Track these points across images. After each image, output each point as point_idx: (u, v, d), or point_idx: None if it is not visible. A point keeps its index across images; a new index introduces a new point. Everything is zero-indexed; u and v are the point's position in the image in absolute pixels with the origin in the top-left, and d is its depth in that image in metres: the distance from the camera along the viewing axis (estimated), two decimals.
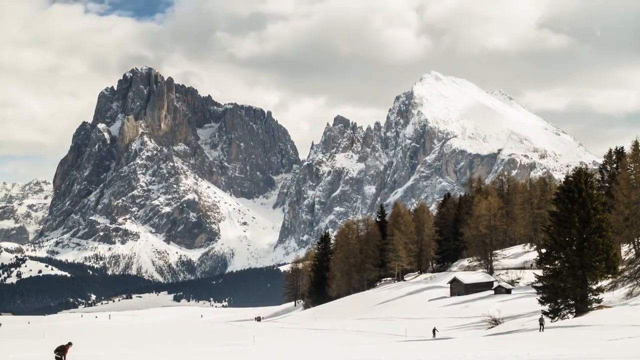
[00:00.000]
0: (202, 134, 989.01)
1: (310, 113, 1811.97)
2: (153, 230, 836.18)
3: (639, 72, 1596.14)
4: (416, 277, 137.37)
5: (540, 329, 55.10)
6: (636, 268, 71.49)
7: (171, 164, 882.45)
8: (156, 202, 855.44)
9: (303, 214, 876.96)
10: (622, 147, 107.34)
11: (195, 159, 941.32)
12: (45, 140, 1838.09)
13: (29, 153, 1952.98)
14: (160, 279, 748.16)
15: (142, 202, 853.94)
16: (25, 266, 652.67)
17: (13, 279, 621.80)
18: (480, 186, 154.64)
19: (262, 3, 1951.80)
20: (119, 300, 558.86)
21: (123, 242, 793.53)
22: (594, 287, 57.11)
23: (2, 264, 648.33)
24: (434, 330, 66.42)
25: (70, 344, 43.76)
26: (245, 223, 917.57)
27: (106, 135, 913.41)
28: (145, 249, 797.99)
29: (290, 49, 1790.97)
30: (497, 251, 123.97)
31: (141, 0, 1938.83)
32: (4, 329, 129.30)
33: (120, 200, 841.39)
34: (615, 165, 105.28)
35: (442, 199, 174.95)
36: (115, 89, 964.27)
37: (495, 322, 67.80)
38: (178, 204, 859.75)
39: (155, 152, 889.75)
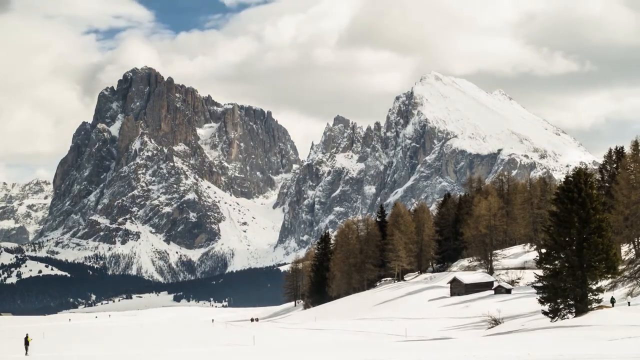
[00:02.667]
0: (202, 134, 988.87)
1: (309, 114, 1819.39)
2: (153, 230, 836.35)
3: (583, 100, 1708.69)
4: (416, 277, 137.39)
5: None
6: (636, 268, 71.55)
7: (171, 164, 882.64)
8: (156, 202, 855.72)
9: (303, 214, 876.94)
10: (622, 147, 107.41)
11: (195, 159, 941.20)
12: (46, 141, 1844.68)
13: (30, 155, 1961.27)
14: (160, 279, 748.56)
15: (142, 202, 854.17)
16: (25, 266, 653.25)
17: (13, 279, 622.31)
18: (480, 186, 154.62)
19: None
20: (119, 301, 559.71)
21: (123, 242, 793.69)
22: (594, 287, 57.10)
23: (2, 264, 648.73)
24: None
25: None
26: (245, 223, 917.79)
27: (106, 135, 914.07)
28: (146, 249, 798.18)
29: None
30: (497, 251, 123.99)
31: None
32: (4, 328, 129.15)
33: (120, 200, 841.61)
34: (615, 165, 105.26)
35: (442, 199, 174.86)
36: (115, 89, 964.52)
37: (495, 322, 67.79)
38: (178, 204, 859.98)
39: (155, 152, 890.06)
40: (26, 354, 56.55)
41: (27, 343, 57.06)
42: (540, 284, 59.04)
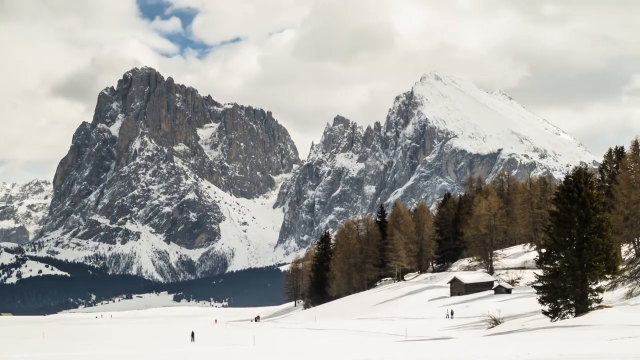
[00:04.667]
0: (202, 134, 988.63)
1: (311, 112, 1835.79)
2: (153, 230, 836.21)
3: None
4: (416, 277, 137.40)
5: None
6: (636, 268, 71.48)
7: (171, 163, 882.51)
8: (156, 202, 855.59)
9: (303, 214, 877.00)
10: (622, 147, 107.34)
11: (195, 159, 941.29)
12: (45, 141, 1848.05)
13: (30, 155, 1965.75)
14: (161, 279, 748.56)
15: (142, 202, 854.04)
16: (26, 266, 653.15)
17: (13, 279, 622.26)
18: (480, 186, 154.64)
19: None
20: (119, 300, 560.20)
21: (123, 242, 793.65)
22: (594, 287, 57.01)
23: (2, 264, 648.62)
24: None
25: None
26: (245, 223, 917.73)
27: (106, 135, 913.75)
28: (146, 249, 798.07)
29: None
30: (497, 251, 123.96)
31: None
32: (4, 329, 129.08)
33: (120, 200, 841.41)
34: (615, 165, 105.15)
35: (442, 198, 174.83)
36: (116, 88, 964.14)
37: (495, 322, 67.73)
38: (178, 204, 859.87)
39: (155, 152, 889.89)
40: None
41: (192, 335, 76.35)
42: (540, 284, 58.95)
